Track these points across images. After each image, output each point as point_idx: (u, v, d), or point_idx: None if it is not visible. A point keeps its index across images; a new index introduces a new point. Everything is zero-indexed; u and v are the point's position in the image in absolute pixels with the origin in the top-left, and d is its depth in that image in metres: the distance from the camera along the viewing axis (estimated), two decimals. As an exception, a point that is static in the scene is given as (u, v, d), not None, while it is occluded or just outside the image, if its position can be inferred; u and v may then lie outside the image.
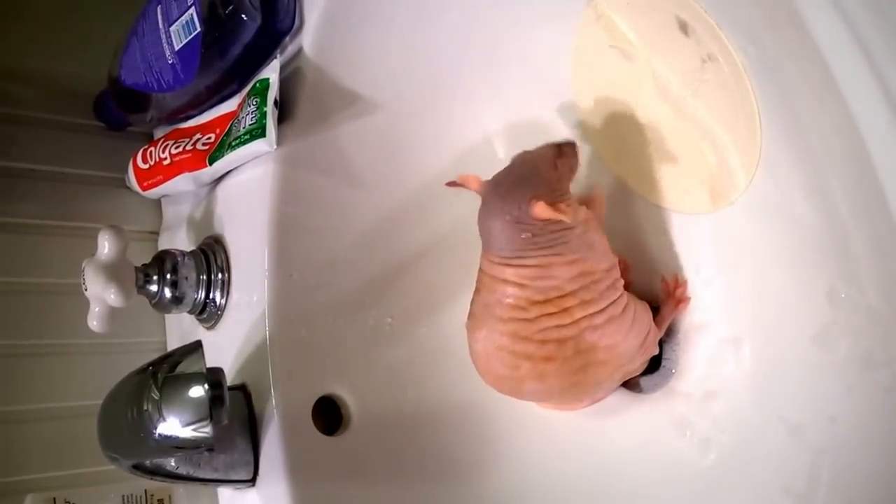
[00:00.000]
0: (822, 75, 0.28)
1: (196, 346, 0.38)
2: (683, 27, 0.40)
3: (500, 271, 0.40)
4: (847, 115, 0.27)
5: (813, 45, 0.28)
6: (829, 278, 0.36)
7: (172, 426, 0.35)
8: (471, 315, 0.42)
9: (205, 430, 0.35)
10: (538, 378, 0.41)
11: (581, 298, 0.40)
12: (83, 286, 0.46)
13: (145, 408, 0.35)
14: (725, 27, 0.38)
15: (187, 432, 0.35)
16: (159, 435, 0.35)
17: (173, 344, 0.60)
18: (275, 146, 0.46)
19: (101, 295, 0.45)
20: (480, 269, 0.42)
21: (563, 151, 0.41)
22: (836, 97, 0.28)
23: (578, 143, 0.42)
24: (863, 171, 0.29)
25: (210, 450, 0.36)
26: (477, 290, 0.42)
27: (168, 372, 0.37)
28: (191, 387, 0.36)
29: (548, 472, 0.50)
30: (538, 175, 0.40)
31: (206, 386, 0.36)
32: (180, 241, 0.59)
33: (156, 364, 0.38)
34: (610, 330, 0.41)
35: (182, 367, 0.37)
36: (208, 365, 0.38)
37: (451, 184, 0.44)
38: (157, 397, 0.35)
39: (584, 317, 0.40)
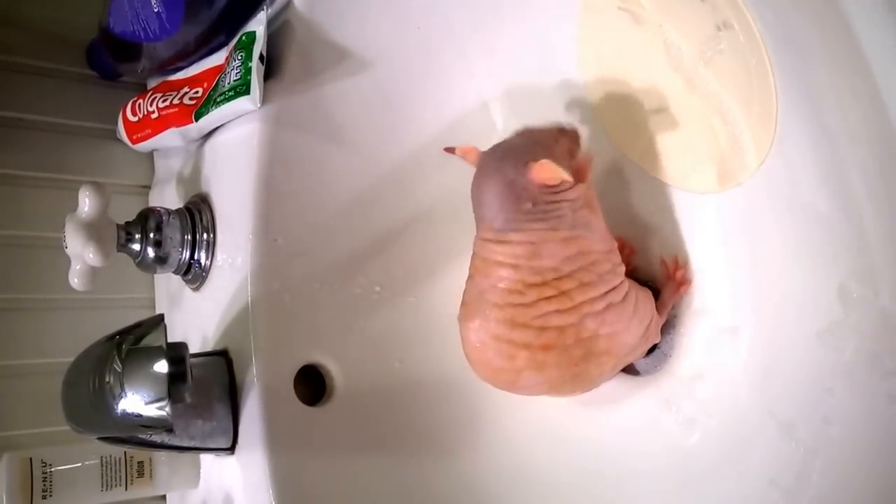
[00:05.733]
0: (848, 47, 0.25)
1: (159, 320, 0.37)
2: (698, -10, 0.36)
3: (492, 251, 0.38)
4: (874, 93, 0.24)
5: (839, 14, 0.25)
6: (842, 274, 0.34)
7: (134, 402, 0.33)
8: (463, 303, 0.40)
9: (165, 410, 0.33)
10: (537, 368, 0.38)
11: (580, 280, 0.38)
12: (63, 244, 0.45)
13: (107, 380, 0.33)
14: (743, -8, 0.34)
15: (151, 410, 0.33)
16: (121, 411, 0.33)
17: (161, 302, 0.59)
18: (259, 104, 0.44)
19: (80, 253, 0.44)
20: (473, 253, 0.40)
21: (566, 132, 0.40)
22: (864, 73, 0.25)
23: (581, 113, 0.40)
24: (888, 157, 0.26)
25: (169, 430, 0.35)
26: (470, 276, 0.40)
27: (133, 343, 0.35)
28: (154, 362, 0.34)
29: (533, 446, 0.48)
30: (539, 144, 0.39)
31: (166, 362, 0.34)
32: (170, 196, 0.57)
33: (123, 334, 0.36)
34: (610, 318, 0.39)
35: (149, 340, 0.35)
36: (192, 329, 0.36)
37: (449, 149, 0.41)
38: (119, 370, 0.34)
39: (585, 301, 0.38)
